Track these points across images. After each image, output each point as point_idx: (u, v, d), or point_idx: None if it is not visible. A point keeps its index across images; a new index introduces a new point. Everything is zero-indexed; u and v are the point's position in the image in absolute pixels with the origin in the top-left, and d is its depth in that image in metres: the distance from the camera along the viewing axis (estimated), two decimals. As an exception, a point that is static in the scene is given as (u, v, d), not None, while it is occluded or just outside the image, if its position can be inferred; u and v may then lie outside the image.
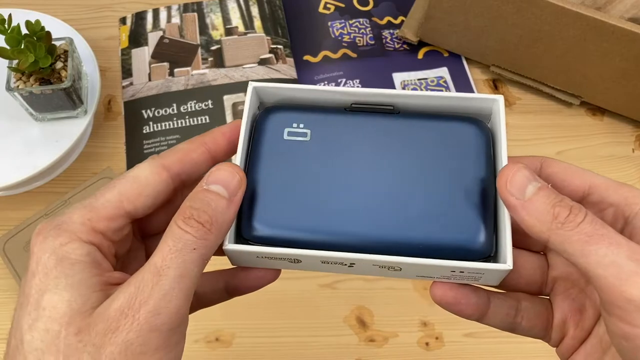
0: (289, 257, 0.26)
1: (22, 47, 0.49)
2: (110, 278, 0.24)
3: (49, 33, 0.51)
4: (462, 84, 0.64)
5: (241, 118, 0.28)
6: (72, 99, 0.53)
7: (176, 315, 0.22)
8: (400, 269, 0.26)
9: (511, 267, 0.24)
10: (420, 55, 0.66)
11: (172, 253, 0.22)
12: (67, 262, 0.22)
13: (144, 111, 0.61)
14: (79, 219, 0.23)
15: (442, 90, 0.63)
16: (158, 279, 0.22)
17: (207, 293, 0.29)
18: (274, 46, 0.65)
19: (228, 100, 0.61)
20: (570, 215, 0.23)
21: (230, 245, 0.26)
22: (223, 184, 0.24)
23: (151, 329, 0.21)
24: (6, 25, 0.48)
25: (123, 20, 0.67)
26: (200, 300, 0.29)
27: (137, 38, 0.65)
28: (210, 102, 0.61)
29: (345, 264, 0.26)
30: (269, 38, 0.65)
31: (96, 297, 0.22)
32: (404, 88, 0.63)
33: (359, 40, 0.66)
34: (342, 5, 0.69)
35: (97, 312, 0.22)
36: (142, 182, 0.25)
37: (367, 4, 0.69)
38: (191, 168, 0.26)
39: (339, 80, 0.63)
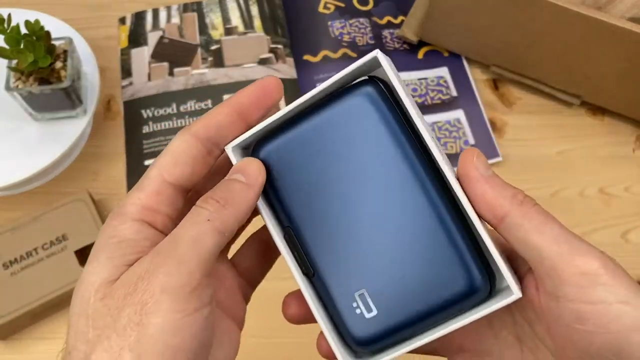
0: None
1: (22, 46, 0.49)
2: None
3: (48, 33, 0.51)
4: (463, 84, 0.64)
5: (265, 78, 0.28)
6: (71, 98, 0.53)
7: (189, 278, 0.23)
8: None
9: (521, 295, 0.24)
10: (420, 55, 0.66)
11: (187, 223, 0.24)
12: (114, 240, 0.24)
13: (143, 111, 0.61)
14: (131, 200, 0.25)
15: (441, 90, 0.63)
16: (174, 245, 0.23)
17: None
18: (274, 46, 0.65)
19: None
20: (527, 197, 0.25)
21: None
22: (241, 171, 0.26)
23: (163, 290, 0.22)
24: (5, 25, 0.48)
25: (122, 20, 0.66)
26: None
27: (136, 38, 0.65)
28: (210, 101, 0.61)
29: None
30: (268, 38, 0.65)
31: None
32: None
33: (359, 40, 0.66)
34: (342, 5, 0.69)
35: (120, 279, 0.23)
36: (175, 153, 0.26)
37: (367, 4, 0.69)
38: (219, 130, 0.27)
39: (339, 80, 0.63)
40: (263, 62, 0.64)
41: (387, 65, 0.24)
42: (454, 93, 0.63)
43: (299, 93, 0.62)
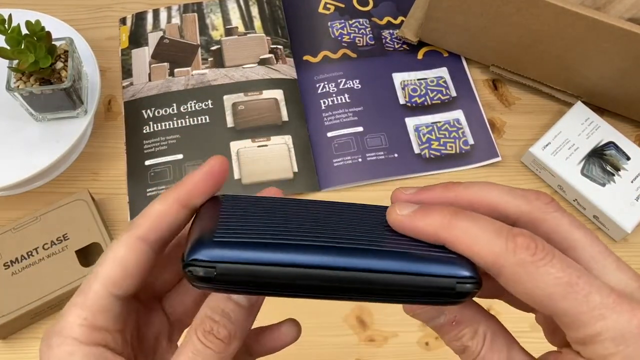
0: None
1: (22, 47, 0.49)
2: None
3: (49, 33, 0.51)
4: (462, 84, 0.64)
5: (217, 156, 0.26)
6: (72, 99, 0.53)
7: None
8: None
9: None
10: (420, 56, 0.66)
11: None
12: None
13: (144, 111, 0.61)
14: (76, 321, 0.23)
15: (441, 91, 0.63)
16: None
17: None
18: (274, 46, 0.65)
19: (228, 100, 0.61)
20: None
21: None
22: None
23: None
24: (6, 26, 0.48)
25: (123, 21, 0.67)
26: None
27: (137, 38, 0.65)
28: (210, 102, 0.61)
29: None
30: (268, 38, 0.66)
31: None
32: (403, 88, 0.63)
33: (359, 40, 0.66)
34: (342, 6, 0.69)
35: None
36: (122, 263, 0.24)
37: (366, 4, 0.69)
38: (169, 231, 0.25)
39: (339, 80, 0.63)
40: (263, 62, 0.64)
41: None
42: (454, 93, 0.63)
43: (299, 93, 0.62)
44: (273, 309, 0.52)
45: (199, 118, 0.60)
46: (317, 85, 0.63)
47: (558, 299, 0.20)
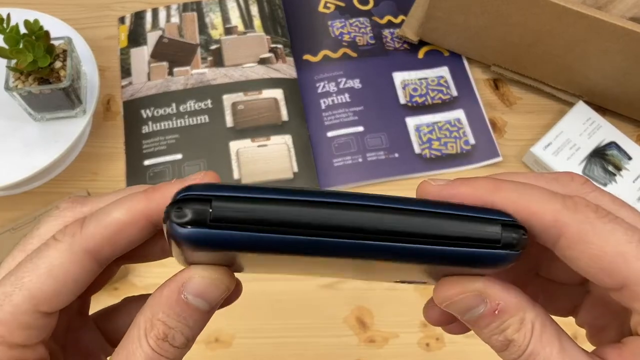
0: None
1: (21, 46, 0.49)
2: None
3: (47, 32, 0.51)
4: (463, 84, 0.64)
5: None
6: (70, 98, 0.53)
7: None
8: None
9: None
10: (420, 55, 0.65)
11: None
12: None
13: (143, 111, 0.60)
14: None
15: (442, 90, 0.63)
16: None
17: None
18: (274, 45, 0.65)
19: (227, 99, 0.61)
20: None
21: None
22: (205, 296, 0.20)
23: None
24: (5, 25, 0.48)
25: (122, 20, 0.66)
26: None
27: (136, 38, 0.65)
28: (209, 101, 0.61)
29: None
30: (268, 37, 0.65)
31: None
32: (404, 88, 0.63)
33: (359, 39, 0.66)
34: (342, 5, 0.69)
35: None
36: (60, 278, 0.19)
37: (367, 3, 0.69)
38: (126, 248, 0.20)
39: (339, 80, 0.63)
40: (263, 61, 0.64)
41: None
42: (455, 93, 0.63)
43: (299, 93, 0.62)
44: (274, 310, 0.51)
45: (199, 118, 0.60)
46: (317, 84, 0.63)
47: (632, 259, 0.18)
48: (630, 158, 0.57)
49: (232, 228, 0.17)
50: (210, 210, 0.17)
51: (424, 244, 0.18)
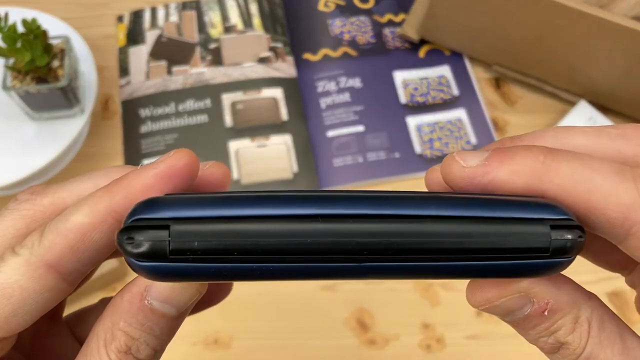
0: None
1: (19, 45, 0.48)
2: None
3: (45, 31, 0.50)
4: (464, 83, 0.63)
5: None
6: (68, 98, 0.52)
7: None
8: None
9: None
10: (421, 54, 0.65)
11: None
12: None
13: (141, 110, 0.60)
14: None
15: (443, 90, 0.63)
16: None
17: None
18: (274, 44, 0.64)
19: (227, 99, 0.61)
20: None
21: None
22: (172, 302, 0.17)
23: None
24: (2, 24, 0.48)
25: (120, 19, 0.66)
26: None
27: (134, 36, 0.65)
28: (208, 100, 0.61)
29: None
30: (268, 36, 0.65)
31: None
32: (405, 87, 0.63)
33: (360, 38, 0.66)
34: (343, 3, 0.68)
35: None
36: (16, 298, 0.16)
37: (367, 2, 0.68)
38: (95, 256, 0.17)
39: (340, 79, 0.63)
40: (262, 60, 0.63)
41: None
42: (456, 92, 0.63)
43: (299, 92, 0.62)
44: (273, 311, 0.51)
45: (198, 117, 0.60)
46: (317, 84, 0.63)
47: None
48: (632, 158, 0.57)
49: (198, 260, 0.14)
50: (169, 240, 0.14)
51: (444, 261, 0.15)
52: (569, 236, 0.15)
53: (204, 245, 0.14)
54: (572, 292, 0.16)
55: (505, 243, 0.14)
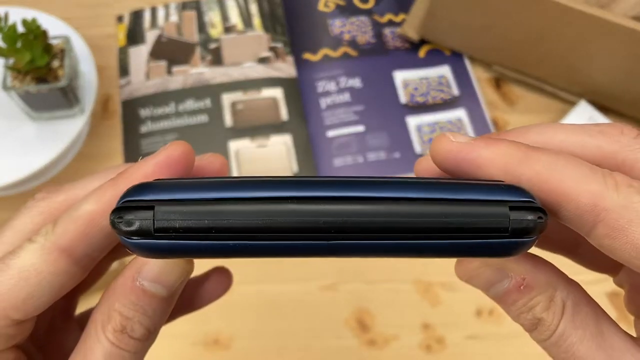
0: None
1: (19, 45, 0.48)
2: None
3: (45, 31, 0.50)
4: (464, 83, 0.63)
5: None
6: (68, 97, 0.52)
7: None
8: None
9: None
10: (421, 54, 0.65)
11: None
12: None
13: (141, 110, 0.60)
14: None
15: (443, 90, 0.63)
16: None
17: None
18: (274, 44, 0.64)
19: (227, 99, 0.61)
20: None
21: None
22: (161, 281, 0.18)
23: None
24: (2, 24, 0.48)
25: (120, 19, 0.66)
26: None
27: (134, 36, 0.65)
28: (208, 100, 0.61)
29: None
30: (268, 36, 0.65)
31: None
32: (405, 87, 0.63)
33: (360, 38, 0.66)
34: (343, 3, 0.68)
35: None
36: (32, 281, 0.18)
37: (367, 2, 0.68)
38: (103, 242, 0.19)
39: (340, 79, 0.63)
40: (262, 60, 0.63)
41: None
42: (456, 92, 0.63)
43: (299, 92, 0.62)
44: (273, 311, 0.51)
45: (198, 117, 0.60)
46: (317, 84, 0.63)
47: None
48: (633, 158, 0.57)
49: (180, 237, 0.15)
50: (154, 219, 0.15)
51: (416, 239, 0.15)
52: (529, 217, 0.15)
53: (184, 224, 0.15)
54: (550, 274, 0.18)
55: (466, 223, 0.15)
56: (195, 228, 0.15)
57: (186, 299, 0.26)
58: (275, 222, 0.15)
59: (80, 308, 0.25)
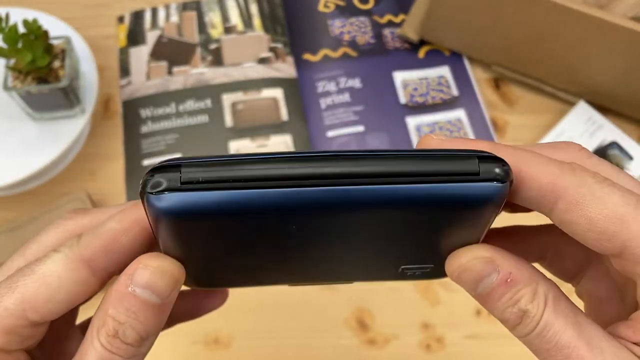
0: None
1: (20, 46, 0.49)
2: None
3: (46, 32, 0.50)
4: (464, 83, 0.63)
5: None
6: (69, 98, 0.52)
7: None
8: None
9: None
10: (421, 54, 0.65)
11: None
12: None
13: (142, 110, 0.60)
14: None
15: (442, 90, 0.63)
16: None
17: None
18: (274, 45, 0.64)
19: (227, 99, 0.61)
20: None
21: None
22: (152, 288, 0.19)
23: None
24: (3, 24, 0.48)
25: (121, 19, 0.66)
26: None
27: (135, 37, 0.65)
28: (209, 101, 0.61)
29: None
30: (268, 36, 0.65)
31: None
32: (405, 87, 0.63)
33: (360, 39, 0.66)
34: (342, 4, 0.68)
35: None
36: (53, 286, 0.19)
37: (367, 2, 0.69)
38: (121, 258, 0.20)
39: (340, 79, 0.63)
40: (262, 61, 0.63)
41: None
42: (455, 92, 0.63)
43: (299, 92, 0.62)
44: (273, 311, 0.51)
45: (198, 117, 0.60)
46: (317, 84, 0.63)
47: (630, 220, 0.18)
48: (631, 158, 0.57)
49: (204, 189, 0.17)
50: (180, 175, 0.17)
51: (402, 183, 0.18)
52: (496, 165, 0.18)
53: (206, 177, 0.17)
54: (532, 271, 0.20)
55: (440, 167, 0.18)
56: (216, 179, 0.17)
57: (184, 307, 0.27)
58: (286, 170, 0.18)
59: (82, 317, 0.26)
